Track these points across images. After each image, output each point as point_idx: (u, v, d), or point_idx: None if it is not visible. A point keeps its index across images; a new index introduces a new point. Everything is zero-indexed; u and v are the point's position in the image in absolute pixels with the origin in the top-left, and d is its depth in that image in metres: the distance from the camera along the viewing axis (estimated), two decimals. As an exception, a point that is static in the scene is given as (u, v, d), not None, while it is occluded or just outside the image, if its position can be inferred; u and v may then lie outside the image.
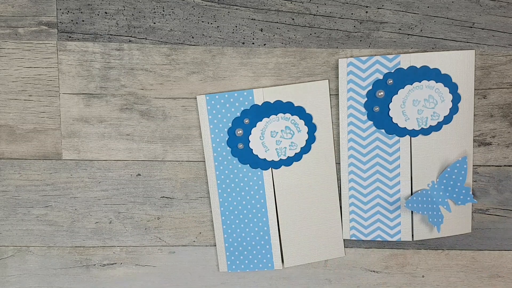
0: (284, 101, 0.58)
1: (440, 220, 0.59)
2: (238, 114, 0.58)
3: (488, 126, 0.59)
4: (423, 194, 0.59)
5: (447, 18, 0.58)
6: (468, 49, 0.58)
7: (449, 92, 0.58)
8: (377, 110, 0.58)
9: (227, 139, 0.58)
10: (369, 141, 0.59)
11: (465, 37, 0.58)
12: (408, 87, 0.57)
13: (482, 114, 0.59)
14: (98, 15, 0.57)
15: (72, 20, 0.57)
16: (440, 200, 0.59)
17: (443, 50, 0.58)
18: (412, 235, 0.60)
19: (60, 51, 0.58)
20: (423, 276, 0.62)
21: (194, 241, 0.61)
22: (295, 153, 0.59)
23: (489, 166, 0.60)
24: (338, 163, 0.60)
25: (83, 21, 0.57)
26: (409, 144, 0.59)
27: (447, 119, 0.58)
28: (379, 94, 0.58)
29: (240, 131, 0.58)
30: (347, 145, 0.59)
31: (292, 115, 0.58)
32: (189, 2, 0.57)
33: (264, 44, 0.58)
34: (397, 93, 0.58)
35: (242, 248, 0.61)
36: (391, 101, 0.58)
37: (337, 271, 0.61)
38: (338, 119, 0.59)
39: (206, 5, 0.57)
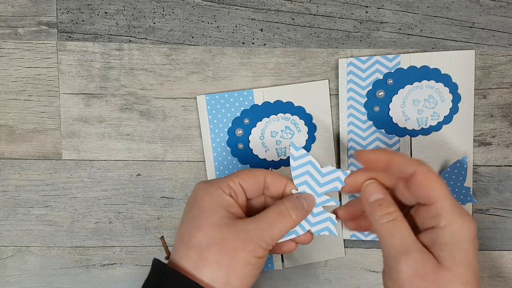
0: (284, 101, 0.58)
1: (440, 220, 0.59)
2: (238, 114, 0.58)
3: (488, 126, 0.59)
4: (423, 194, 0.58)
5: (447, 18, 0.58)
6: (468, 49, 0.58)
7: (449, 92, 0.58)
8: (377, 110, 0.58)
9: (227, 139, 0.58)
10: (369, 141, 0.59)
11: (465, 37, 0.58)
12: (408, 87, 0.57)
13: (482, 114, 0.59)
14: (98, 15, 0.57)
15: (72, 20, 0.57)
16: (440, 200, 0.59)
17: (443, 50, 0.58)
18: (412, 235, 0.60)
19: (60, 51, 0.58)
20: (423, 276, 0.62)
21: (194, 241, 0.61)
22: (295, 153, 0.59)
23: (489, 166, 0.60)
24: (338, 163, 0.60)
25: (83, 21, 0.57)
26: (409, 144, 0.59)
27: (447, 119, 0.58)
28: (379, 94, 0.58)
29: (240, 131, 0.58)
30: (347, 145, 0.59)
31: (292, 115, 0.58)
32: (189, 2, 0.57)
33: (264, 44, 0.58)
34: (397, 93, 0.58)
35: (242, 248, 0.60)
36: (391, 101, 0.58)
37: (337, 271, 0.61)
38: (338, 119, 0.59)
39: (206, 5, 0.57)
